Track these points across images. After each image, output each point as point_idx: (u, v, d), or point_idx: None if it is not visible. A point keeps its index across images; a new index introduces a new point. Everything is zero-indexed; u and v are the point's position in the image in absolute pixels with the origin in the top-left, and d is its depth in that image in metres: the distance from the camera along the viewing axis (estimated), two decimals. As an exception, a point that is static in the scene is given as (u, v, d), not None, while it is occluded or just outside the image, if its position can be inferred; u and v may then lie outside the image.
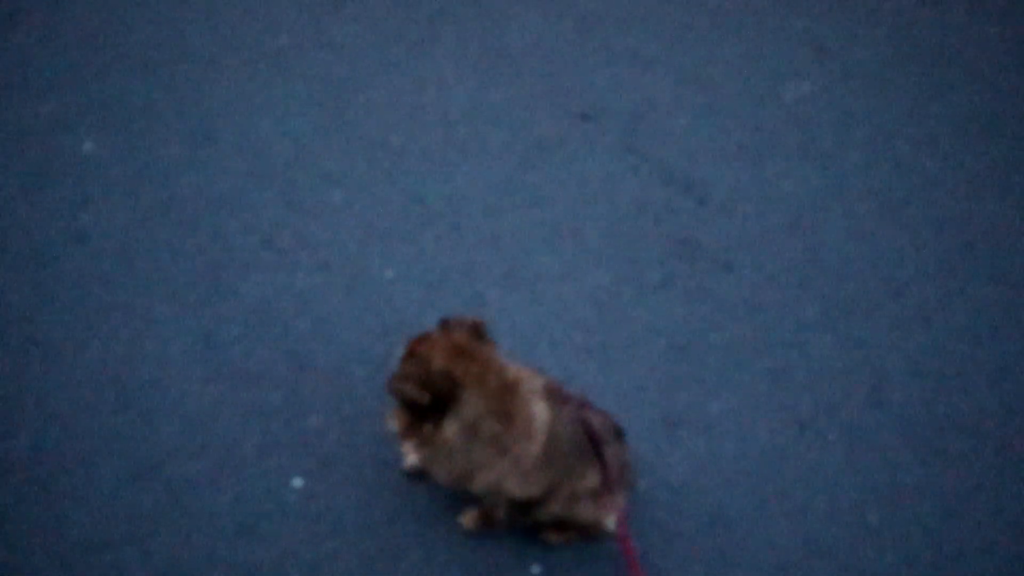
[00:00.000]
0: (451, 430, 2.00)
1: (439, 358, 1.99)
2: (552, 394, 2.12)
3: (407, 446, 2.36)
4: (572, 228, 2.92)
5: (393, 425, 2.08)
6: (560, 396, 2.14)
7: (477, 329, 2.07)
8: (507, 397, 2.01)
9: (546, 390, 2.11)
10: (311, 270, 2.77)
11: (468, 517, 2.33)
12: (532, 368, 2.15)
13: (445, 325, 2.08)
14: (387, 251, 2.82)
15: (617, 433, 2.27)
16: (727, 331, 2.75)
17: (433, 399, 1.97)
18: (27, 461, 2.39)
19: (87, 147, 2.97)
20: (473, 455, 2.04)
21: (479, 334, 2.07)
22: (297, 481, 2.41)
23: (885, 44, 3.47)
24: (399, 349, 2.07)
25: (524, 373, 2.08)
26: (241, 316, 2.66)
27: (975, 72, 3.42)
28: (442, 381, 1.96)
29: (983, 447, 2.60)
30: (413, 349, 2.03)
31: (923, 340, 2.78)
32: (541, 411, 2.07)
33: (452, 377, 1.96)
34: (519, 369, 2.08)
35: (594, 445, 2.16)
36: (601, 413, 2.26)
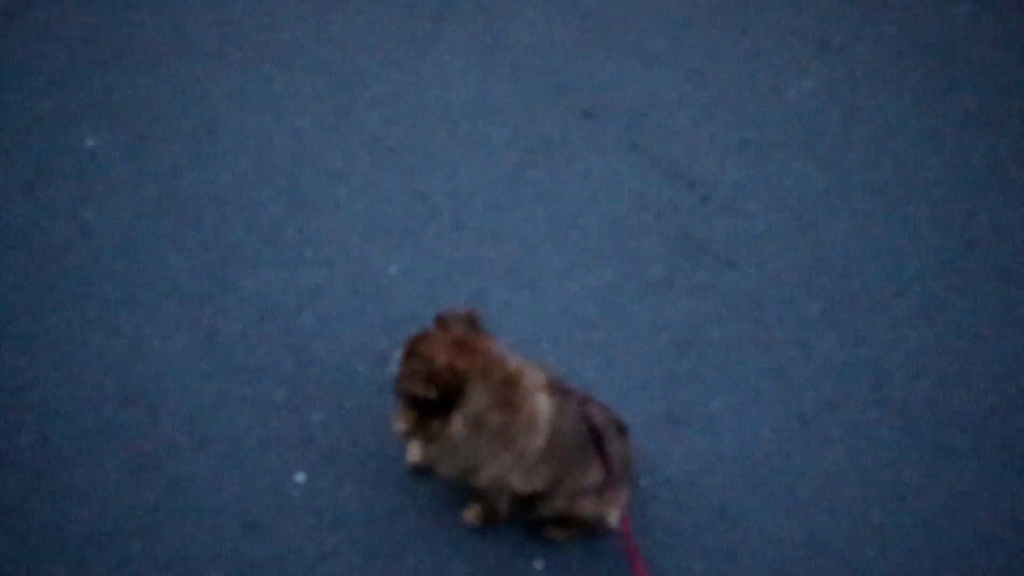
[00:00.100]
0: (458, 425, 2.00)
1: (441, 354, 1.99)
2: (555, 389, 2.12)
3: (414, 445, 2.37)
4: (575, 225, 2.92)
5: (400, 426, 2.08)
6: (562, 391, 2.14)
7: (472, 320, 2.07)
8: (510, 388, 2.02)
9: (549, 384, 2.11)
10: (314, 266, 2.77)
11: (471, 512, 2.33)
12: (534, 362, 2.15)
13: (441, 321, 2.08)
14: (390, 247, 2.83)
15: (620, 429, 2.27)
16: (729, 328, 2.75)
17: (440, 395, 1.97)
18: (31, 455, 2.40)
19: (90, 143, 2.97)
20: (479, 449, 2.04)
21: (474, 325, 2.07)
22: (300, 476, 2.41)
23: (889, 41, 3.47)
24: (398, 351, 2.07)
25: (526, 366, 2.08)
26: (244, 312, 2.67)
27: (979, 69, 3.41)
28: (447, 376, 1.96)
29: (985, 444, 2.59)
30: (414, 348, 2.03)
31: (925, 337, 2.78)
32: (544, 405, 2.07)
33: (457, 371, 1.96)
34: (520, 361, 2.08)
35: (597, 440, 2.16)
36: (604, 409, 2.27)
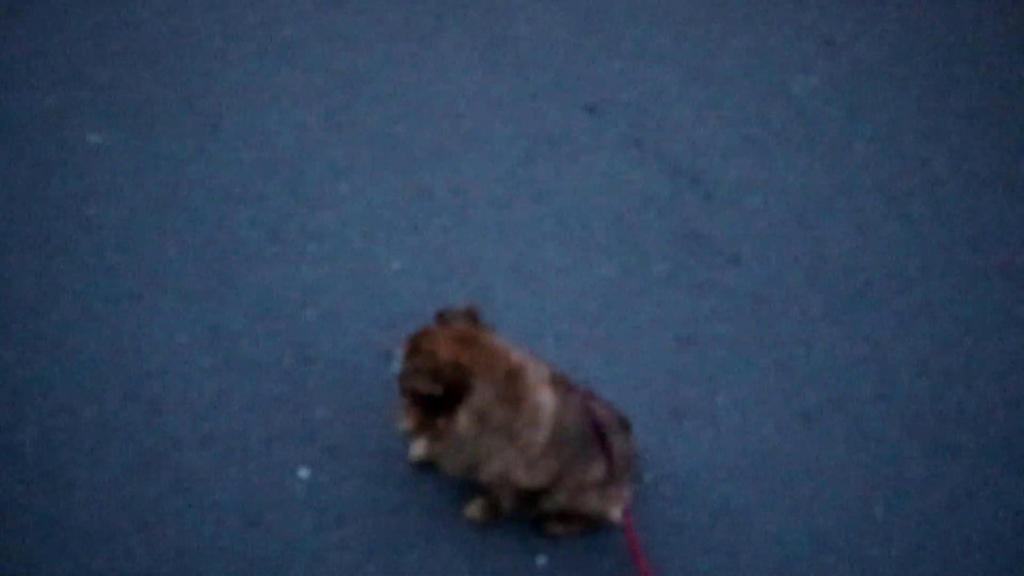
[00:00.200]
0: (464, 420, 2.00)
1: (444, 350, 1.99)
2: (558, 383, 2.12)
3: (418, 441, 2.37)
4: (578, 221, 2.92)
5: (405, 424, 2.08)
6: (566, 386, 2.14)
7: (472, 315, 2.07)
8: (513, 383, 2.01)
9: (552, 378, 2.11)
10: (317, 261, 2.77)
11: (474, 507, 2.33)
12: (536, 357, 2.15)
13: (442, 318, 2.08)
14: (393, 243, 2.83)
15: (623, 425, 2.27)
16: (733, 324, 2.75)
17: (446, 391, 1.96)
18: (33, 451, 2.40)
19: (93, 138, 2.97)
20: (483, 444, 2.04)
21: (475, 320, 2.07)
22: (303, 472, 2.41)
23: (893, 38, 3.47)
24: (399, 349, 2.07)
25: (529, 360, 2.08)
26: (247, 307, 2.67)
27: (983, 66, 3.41)
28: (452, 372, 1.96)
29: (989, 441, 2.59)
30: (417, 345, 2.02)
31: (929, 334, 2.77)
32: (548, 399, 2.07)
33: (461, 366, 1.96)
34: (522, 355, 2.08)
35: (600, 436, 2.16)
36: (607, 405, 2.27)
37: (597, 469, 2.17)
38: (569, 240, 2.88)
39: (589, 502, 2.21)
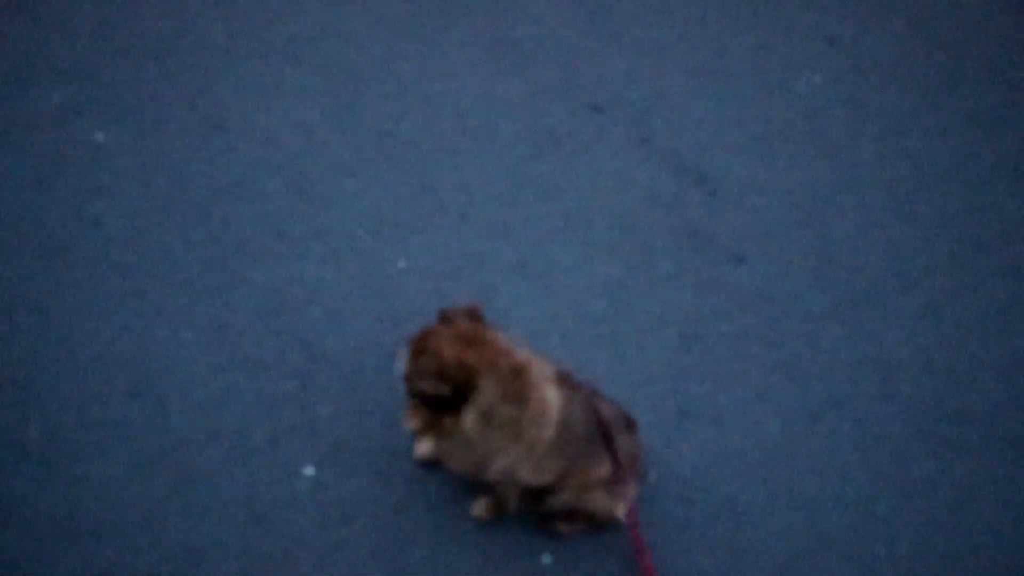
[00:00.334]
0: (470, 419, 2.00)
1: (449, 349, 1.99)
2: (563, 381, 2.12)
3: (426, 440, 2.37)
4: (583, 219, 2.92)
5: (412, 424, 2.08)
6: (570, 384, 2.14)
7: (475, 314, 2.07)
8: (519, 381, 2.01)
9: (557, 376, 2.11)
10: (322, 259, 2.77)
11: (480, 506, 2.33)
12: (541, 355, 2.15)
13: (444, 317, 2.08)
14: (398, 241, 2.83)
15: (628, 423, 2.27)
16: (737, 322, 2.75)
17: (453, 390, 1.97)
18: (40, 448, 2.40)
19: (98, 136, 2.97)
20: (489, 442, 2.04)
21: (477, 319, 2.07)
22: (308, 469, 2.41)
23: (897, 36, 3.46)
24: (403, 349, 2.07)
25: (533, 358, 2.08)
26: (252, 305, 2.67)
27: (988, 65, 3.41)
28: (458, 371, 1.96)
29: (993, 439, 2.59)
30: (421, 345, 2.02)
31: (933, 333, 2.77)
32: (553, 397, 2.07)
33: (467, 366, 1.96)
34: (526, 353, 2.08)
35: (605, 434, 2.16)
36: (612, 403, 2.27)
37: (602, 467, 2.17)
38: (574, 238, 2.88)
39: (594, 500, 2.21)
